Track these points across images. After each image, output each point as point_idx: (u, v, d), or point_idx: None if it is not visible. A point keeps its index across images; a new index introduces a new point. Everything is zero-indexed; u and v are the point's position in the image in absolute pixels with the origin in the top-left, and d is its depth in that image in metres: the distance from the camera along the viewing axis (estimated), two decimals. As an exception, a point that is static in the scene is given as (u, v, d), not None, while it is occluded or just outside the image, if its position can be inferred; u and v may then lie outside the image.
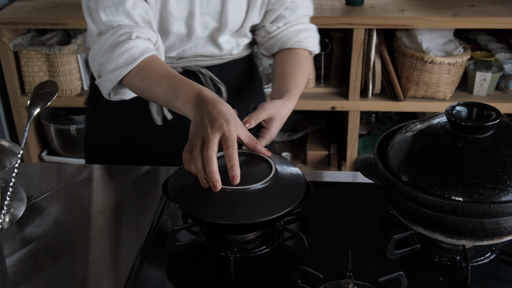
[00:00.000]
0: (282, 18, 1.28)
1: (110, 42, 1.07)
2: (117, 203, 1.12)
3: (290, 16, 1.28)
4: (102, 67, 1.09)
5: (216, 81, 1.28)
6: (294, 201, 0.94)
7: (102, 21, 1.09)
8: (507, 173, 0.85)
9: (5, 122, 2.56)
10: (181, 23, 1.20)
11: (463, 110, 0.93)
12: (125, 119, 1.32)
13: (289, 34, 1.28)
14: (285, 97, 1.15)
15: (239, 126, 0.97)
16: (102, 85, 1.12)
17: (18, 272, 0.94)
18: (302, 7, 1.30)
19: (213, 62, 1.29)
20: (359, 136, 2.56)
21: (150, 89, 1.06)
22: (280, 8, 1.27)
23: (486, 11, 2.28)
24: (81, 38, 2.44)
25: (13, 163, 1.01)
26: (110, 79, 1.09)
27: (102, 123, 1.36)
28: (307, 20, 1.33)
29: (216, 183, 0.90)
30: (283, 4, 1.26)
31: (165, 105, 1.08)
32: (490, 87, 2.36)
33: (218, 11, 1.21)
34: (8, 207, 0.98)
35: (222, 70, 1.31)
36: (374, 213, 1.06)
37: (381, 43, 2.34)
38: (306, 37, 1.30)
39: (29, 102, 1.04)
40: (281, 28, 1.28)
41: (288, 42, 1.29)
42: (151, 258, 0.96)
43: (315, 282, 0.87)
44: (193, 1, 1.18)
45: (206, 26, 1.22)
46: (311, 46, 1.31)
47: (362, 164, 1.00)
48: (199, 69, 1.27)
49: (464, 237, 0.88)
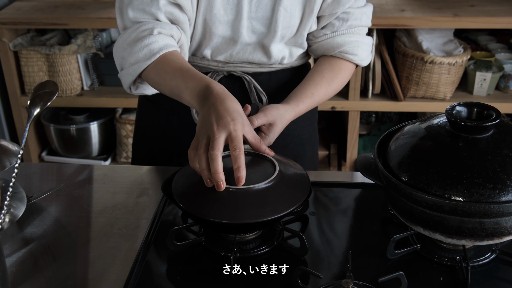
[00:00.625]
0: (331, 26, 1.23)
1: (133, 37, 1.10)
2: (117, 203, 1.12)
3: (339, 25, 1.23)
4: (123, 61, 1.12)
5: (259, 90, 1.25)
6: (298, 201, 0.94)
7: (129, 18, 1.12)
8: (507, 173, 0.85)
9: (5, 122, 2.56)
10: (227, 26, 1.17)
11: (463, 110, 0.93)
12: (169, 114, 1.30)
13: (333, 42, 1.23)
14: (291, 103, 1.14)
15: (246, 124, 0.96)
16: (123, 78, 1.14)
17: (18, 272, 0.94)
18: (355, 19, 1.23)
19: (260, 69, 1.25)
20: (359, 136, 2.56)
21: (164, 82, 1.07)
22: (331, 17, 1.22)
23: (486, 11, 2.28)
24: (81, 38, 2.44)
25: (13, 163, 1.01)
26: (130, 72, 1.11)
27: (148, 114, 1.35)
28: (361, 31, 1.26)
29: (220, 183, 0.90)
30: (334, 14, 1.21)
31: (176, 98, 1.08)
32: (490, 87, 2.36)
33: (268, 16, 1.18)
34: (8, 207, 0.98)
35: (271, 78, 1.27)
36: (374, 213, 1.06)
37: (381, 43, 2.34)
38: (352, 48, 1.23)
39: (29, 102, 1.04)
40: (328, 35, 1.23)
41: (332, 50, 1.24)
42: (151, 258, 0.96)
43: (315, 282, 0.87)
44: (241, 5, 1.15)
45: (253, 31, 1.19)
46: (355, 59, 1.25)
47: (362, 164, 1.00)
48: (243, 75, 1.24)
49: (464, 237, 0.88)
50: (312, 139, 1.40)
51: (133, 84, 1.16)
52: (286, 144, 1.32)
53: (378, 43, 2.33)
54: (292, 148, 1.33)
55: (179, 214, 1.07)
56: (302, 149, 1.36)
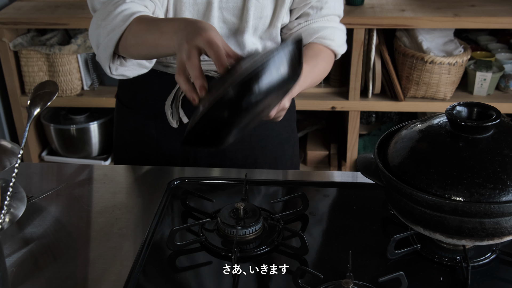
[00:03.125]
0: (305, 15, 1.22)
1: (106, 11, 1.05)
2: (117, 203, 1.12)
3: (314, 14, 1.21)
4: (99, 37, 1.07)
5: None
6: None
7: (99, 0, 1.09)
8: (507, 173, 0.85)
9: (5, 122, 2.56)
10: (196, 16, 1.15)
11: (463, 110, 0.93)
12: (145, 118, 1.30)
13: (309, 30, 1.21)
14: None
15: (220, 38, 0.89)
16: (101, 55, 1.08)
17: (18, 272, 0.94)
18: (328, 7, 1.22)
19: None
20: (359, 136, 2.56)
21: (141, 40, 1.01)
22: (305, 7, 1.21)
23: (486, 11, 2.28)
24: (81, 38, 2.44)
25: (13, 163, 1.01)
26: (107, 44, 1.05)
27: (125, 119, 1.35)
28: (335, 19, 1.25)
29: (202, 88, 0.84)
30: (308, 4, 1.20)
31: (156, 54, 1.03)
32: (490, 87, 2.36)
33: (239, 7, 1.16)
34: (8, 207, 0.98)
35: None
36: (374, 213, 1.06)
37: (381, 43, 2.34)
38: (329, 34, 1.22)
39: (29, 102, 1.04)
40: (302, 24, 1.22)
41: (309, 37, 1.21)
42: (151, 258, 0.96)
43: (315, 282, 0.87)
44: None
45: (224, 21, 1.17)
46: (333, 45, 1.23)
47: (362, 164, 1.00)
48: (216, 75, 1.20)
49: (464, 237, 0.87)
50: (291, 140, 1.39)
51: (112, 62, 1.09)
52: (265, 145, 1.31)
53: (378, 43, 2.33)
54: (271, 149, 1.33)
55: (179, 214, 1.07)
56: (282, 150, 1.36)
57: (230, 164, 1.30)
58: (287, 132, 1.37)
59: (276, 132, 1.33)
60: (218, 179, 1.20)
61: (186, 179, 1.16)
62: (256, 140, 1.08)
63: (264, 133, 1.15)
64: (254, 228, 0.98)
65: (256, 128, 1.21)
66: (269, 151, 1.32)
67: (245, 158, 1.30)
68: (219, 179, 1.19)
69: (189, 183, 1.16)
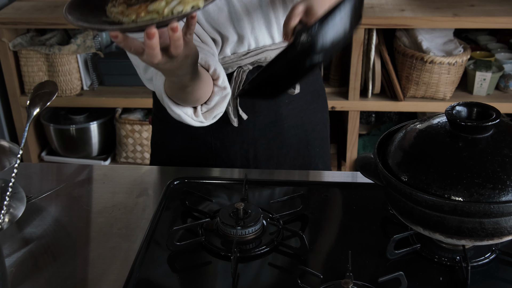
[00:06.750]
0: None
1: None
2: (117, 203, 1.12)
3: None
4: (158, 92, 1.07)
5: None
6: None
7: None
8: (507, 173, 0.85)
9: (5, 122, 2.56)
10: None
11: (463, 110, 0.93)
12: (193, 138, 1.27)
13: None
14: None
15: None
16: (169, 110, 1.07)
17: (17, 272, 0.94)
18: None
19: (281, 46, 1.17)
20: (359, 136, 2.56)
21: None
22: None
23: (486, 11, 2.29)
24: (80, 38, 2.44)
25: (12, 163, 1.01)
26: (162, 99, 1.06)
27: (169, 137, 1.30)
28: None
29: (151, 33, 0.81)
30: None
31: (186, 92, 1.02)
32: (490, 87, 2.36)
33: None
34: (8, 207, 0.98)
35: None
36: (374, 213, 1.06)
37: (381, 43, 2.34)
38: None
39: (29, 102, 1.04)
40: None
41: None
42: (151, 258, 0.96)
43: (315, 282, 0.87)
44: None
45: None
46: None
47: (362, 164, 1.00)
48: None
49: (464, 237, 0.87)
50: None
51: (194, 114, 1.09)
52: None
53: (378, 43, 2.33)
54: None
55: (179, 214, 1.07)
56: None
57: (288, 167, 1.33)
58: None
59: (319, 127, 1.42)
60: (218, 179, 1.20)
61: (186, 179, 1.16)
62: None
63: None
64: (254, 228, 0.98)
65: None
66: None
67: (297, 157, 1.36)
68: (219, 179, 1.19)
69: (189, 183, 1.16)
